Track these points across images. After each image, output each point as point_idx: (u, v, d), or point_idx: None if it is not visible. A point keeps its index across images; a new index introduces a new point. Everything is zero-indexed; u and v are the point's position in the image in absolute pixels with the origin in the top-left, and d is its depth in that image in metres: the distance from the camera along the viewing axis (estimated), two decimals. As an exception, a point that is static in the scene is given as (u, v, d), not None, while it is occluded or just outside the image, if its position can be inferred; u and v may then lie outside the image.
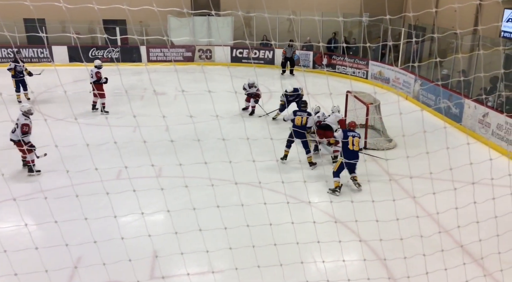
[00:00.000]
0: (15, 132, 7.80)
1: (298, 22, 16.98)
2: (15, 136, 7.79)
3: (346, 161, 6.83)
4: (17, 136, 7.75)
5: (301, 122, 8.29)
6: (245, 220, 4.30)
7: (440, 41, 13.24)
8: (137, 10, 4.27)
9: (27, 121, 7.78)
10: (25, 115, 7.89)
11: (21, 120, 7.79)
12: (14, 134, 7.82)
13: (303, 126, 8.32)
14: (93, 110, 11.67)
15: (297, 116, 8.36)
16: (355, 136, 7.32)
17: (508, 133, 8.87)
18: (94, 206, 6.08)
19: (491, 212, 4.30)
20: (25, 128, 7.68)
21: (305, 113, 8.40)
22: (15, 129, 7.81)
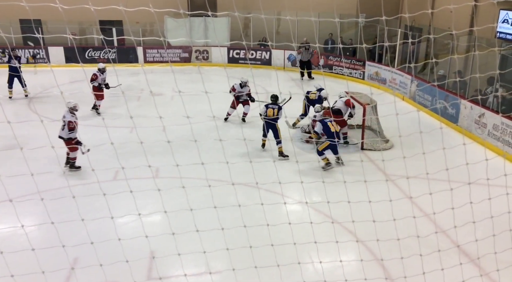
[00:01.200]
0: (64, 130, 7.87)
1: (295, 23, 17.00)
2: (64, 134, 7.84)
3: (331, 141, 8.10)
4: (66, 134, 7.82)
5: (273, 114, 9.02)
6: (242, 221, 4.31)
7: (436, 41, 13.30)
8: (134, 11, 4.27)
9: (73, 118, 7.89)
10: (71, 112, 7.99)
11: (67, 117, 7.89)
12: (63, 131, 7.87)
13: (274, 117, 9.03)
14: (92, 110, 11.60)
15: (269, 108, 9.07)
16: (331, 121, 8.52)
17: (504, 133, 8.91)
18: (91, 207, 6.06)
19: (487, 212, 4.33)
20: (72, 125, 7.76)
21: (276, 106, 9.08)
22: (64, 126, 7.88)
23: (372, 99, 9.75)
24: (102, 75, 11.49)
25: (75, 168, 7.91)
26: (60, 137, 7.90)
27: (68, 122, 7.79)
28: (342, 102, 9.62)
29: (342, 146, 9.37)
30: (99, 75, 11.42)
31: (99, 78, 11.41)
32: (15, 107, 12.00)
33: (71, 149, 7.92)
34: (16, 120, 10.30)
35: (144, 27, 16.90)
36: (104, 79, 11.57)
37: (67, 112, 8.02)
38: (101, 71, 11.45)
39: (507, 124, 8.83)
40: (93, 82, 11.34)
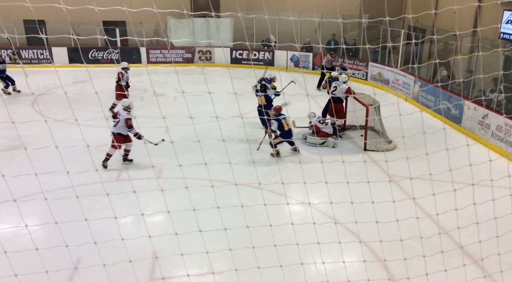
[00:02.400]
0: (116, 126, 8.18)
1: (298, 23, 16.99)
2: (116, 129, 8.16)
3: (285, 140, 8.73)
4: (117, 129, 8.14)
5: (261, 101, 9.50)
6: (245, 221, 4.31)
7: (439, 42, 13.27)
8: (137, 11, 4.29)
9: (129, 115, 8.17)
10: (126, 109, 8.27)
11: (123, 114, 8.18)
12: (115, 127, 8.18)
13: (264, 105, 9.49)
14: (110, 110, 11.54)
15: (258, 96, 9.48)
16: (284, 118, 8.77)
17: (507, 134, 8.88)
18: (94, 207, 6.08)
19: (490, 213, 4.31)
20: (130, 122, 8.11)
21: (262, 94, 9.45)
22: (117, 123, 8.19)
23: (375, 100, 9.73)
24: (127, 73, 11.47)
25: (104, 165, 8.19)
26: (112, 132, 8.19)
27: (126, 119, 8.10)
28: (342, 90, 9.93)
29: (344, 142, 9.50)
30: (124, 74, 11.40)
31: (124, 76, 11.39)
32: (19, 107, 12.05)
33: (113, 145, 8.16)
34: (20, 121, 10.34)
35: (148, 28, 16.94)
36: (128, 78, 11.53)
37: (122, 110, 8.31)
38: (125, 69, 11.42)
39: (510, 125, 8.79)
40: (120, 82, 11.33)
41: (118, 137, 8.11)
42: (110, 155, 8.21)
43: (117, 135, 8.13)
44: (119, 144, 8.06)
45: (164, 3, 9.74)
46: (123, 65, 11.47)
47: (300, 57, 17.45)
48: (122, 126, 8.12)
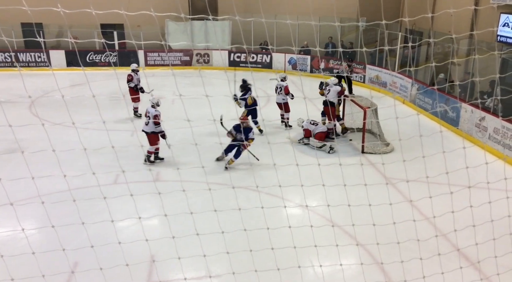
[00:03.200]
0: (148, 125, 8.32)
1: (296, 27, 17.04)
2: (148, 128, 8.31)
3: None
4: (150, 128, 8.28)
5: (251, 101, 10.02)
6: (243, 224, 4.31)
7: (437, 45, 13.33)
8: (135, 14, 4.30)
9: (157, 112, 8.35)
10: (154, 106, 8.45)
11: (152, 112, 8.34)
12: (147, 126, 8.34)
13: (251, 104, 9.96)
14: (135, 116, 11.61)
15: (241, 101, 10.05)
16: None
17: (504, 137, 8.91)
18: (91, 210, 6.07)
19: (487, 216, 4.32)
20: (157, 119, 8.23)
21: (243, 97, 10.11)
22: (148, 121, 8.32)
23: (372, 103, 9.76)
24: (137, 75, 11.49)
25: (150, 162, 8.41)
26: (143, 131, 8.39)
27: (154, 116, 8.23)
28: (334, 93, 10.03)
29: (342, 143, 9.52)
30: (134, 76, 11.43)
31: (134, 78, 11.42)
32: (16, 110, 12.02)
33: (151, 143, 8.35)
34: (17, 124, 10.32)
35: (146, 31, 16.95)
36: (139, 80, 11.56)
37: (150, 107, 8.44)
38: (135, 71, 11.45)
39: (507, 127, 8.82)
40: (129, 83, 11.38)
41: (152, 135, 8.29)
42: (150, 152, 8.44)
43: (151, 133, 8.30)
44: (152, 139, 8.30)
45: (162, 6, 9.78)
46: (133, 67, 11.53)
47: (298, 60, 17.49)
48: (153, 124, 8.28)
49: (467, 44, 12.38)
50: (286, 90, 10.82)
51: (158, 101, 8.60)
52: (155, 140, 8.29)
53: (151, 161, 8.51)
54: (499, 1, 11.60)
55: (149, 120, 8.33)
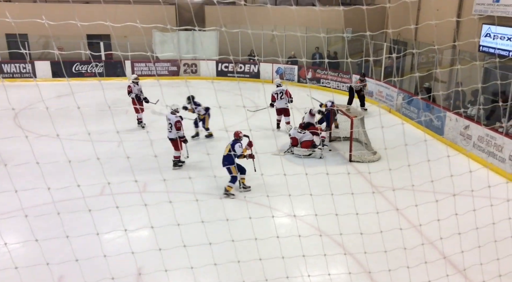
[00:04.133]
0: (171, 132, 8.55)
1: (283, 37, 17.20)
2: (172, 135, 8.57)
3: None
4: (173, 134, 8.56)
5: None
6: (230, 235, 4.28)
7: (421, 55, 13.56)
8: (122, 25, 4.29)
9: (178, 118, 8.56)
10: (174, 113, 8.62)
11: (172, 119, 8.53)
12: (171, 133, 8.58)
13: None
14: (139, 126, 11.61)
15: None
16: (228, 144, 7.67)
17: (488, 144, 9.06)
18: (76, 223, 5.97)
19: (472, 223, 4.37)
20: (178, 125, 8.51)
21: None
22: (171, 128, 8.55)
23: (360, 112, 9.86)
24: (137, 85, 11.45)
25: (179, 166, 8.69)
26: (169, 138, 8.67)
27: (175, 122, 8.47)
28: (308, 115, 10.22)
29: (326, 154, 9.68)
30: (133, 86, 11.39)
31: (133, 89, 11.38)
32: (0, 122, 11.84)
33: (176, 148, 8.67)
34: (1, 136, 10.16)
35: (132, 41, 16.94)
36: (140, 90, 11.51)
37: (170, 114, 8.60)
38: (135, 82, 11.41)
39: (491, 135, 8.98)
40: (130, 95, 11.38)
41: (176, 141, 8.56)
42: (177, 157, 8.72)
43: (176, 139, 8.55)
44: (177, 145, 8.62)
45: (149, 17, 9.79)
46: (132, 78, 11.53)
47: (285, 70, 17.61)
48: (176, 130, 8.51)
49: (451, 54, 12.62)
50: (288, 94, 11.10)
51: (177, 107, 8.77)
52: (179, 145, 8.58)
53: (179, 165, 8.78)
54: (481, 12, 11.88)
55: (171, 127, 8.55)
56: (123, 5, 16.89)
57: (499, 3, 11.19)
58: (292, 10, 17.30)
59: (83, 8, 17.80)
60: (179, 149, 8.70)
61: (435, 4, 13.45)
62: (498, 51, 11.16)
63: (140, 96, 11.46)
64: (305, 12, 17.77)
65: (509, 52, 10.74)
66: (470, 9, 12.38)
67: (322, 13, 18.07)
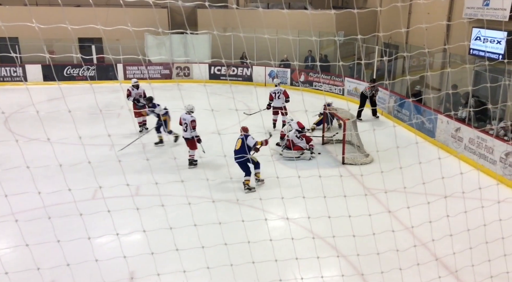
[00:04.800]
0: (187, 131, 8.85)
1: (275, 40, 17.25)
2: (188, 134, 8.84)
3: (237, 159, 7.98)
4: (189, 134, 8.81)
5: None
6: (223, 238, 4.27)
7: (413, 58, 13.67)
8: (113, 29, 4.27)
9: (193, 117, 8.83)
10: (189, 113, 8.88)
11: (188, 118, 8.82)
12: (186, 133, 8.88)
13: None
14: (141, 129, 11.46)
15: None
16: (238, 139, 8.23)
17: (479, 147, 9.14)
18: (68, 227, 5.92)
19: (464, 225, 4.40)
20: (194, 124, 8.79)
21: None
22: (186, 128, 8.84)
23: (352, 115, 9.90)
24: (136, 90, 11.35)
25: (194, 165, 9.01)
26: (184, 137, 9.00)
27: (191, 121, 8.76)
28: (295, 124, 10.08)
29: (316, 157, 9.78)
30: (132, 90, 11.31)
31: (132, 93, 11.29)
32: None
33: (192, 147, 8.95)
34: (-8, 139, 10.06)
35: (125, 44, 16.89)
36: (140, 94, 11.39)
37: (185, 114, 8.86)
38: (135, 86, 11.32)
39: (482, 138, 9.06)
40: (128, 98, 11.32)
41: (192, 140, 8.80)
42: (192, 156, 9.00)
43: (191, 139, 8.78)
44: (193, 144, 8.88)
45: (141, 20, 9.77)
46: (132, 82, 11.45)
47: (278, 73, 17.66)
48: (191, 129, 8.77)
49: (442, 57, 12.74)
50: (286, 94, 11.41)
51: (192, 107, 8.95)
52: (194, 144, 8.86)
53: (194, 164, 9.04)
54: (471, 15, 12.02)
55: (187, 127, 8.81)
56: (115, 8, 16.83)
57: (489, 7, 11.33)
58: (285, 14, 17.36)
59: (74, 11, 17.72)
60: (194, 148, 8.95)
61: (426, 7, 13.58)
62: (488, 54, 11.29)
63: (140, 100, 11.39)
64: (297, 15, 17.84)
65: (499, 55, 10.86)
66: (461, 13, 12.53)
67: (314, 16, 18.16)
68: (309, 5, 20.71)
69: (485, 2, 11.41)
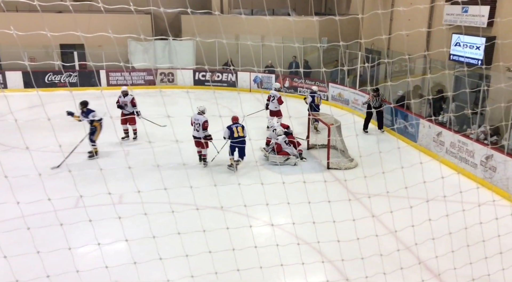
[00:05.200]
0: (198, 131, 9.21)
1: (259, 47, 17.31)
2: (200, 134, 9.22)
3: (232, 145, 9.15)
4: (200, 134, 9.19)
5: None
6: (207, 246, 4.23)
7: (395, 64, 13.86)
8: (95, 35, 4.23)
9: (206, 118, 9.22)
10: (201, 113, 9.27)
11: (200, 119, 9.20)
12: (198, 132, 9.23)
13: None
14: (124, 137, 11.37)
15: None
16: (238, 126, 9.23)
17: (460, 150, 9.30)
18: (48, 238, 5.79)
19: (446, 228, 4.45)
20: (206, 124, 9.18)
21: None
22: (198, 128, 9.22)
23: (336, 120, 9.98)
24: (122, 98, 11.20)
25: (205, 163, 9.48)
26: (194, 137, 9.33)
27: (203, 122, 9.15)
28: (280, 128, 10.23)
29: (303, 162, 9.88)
30: (119, 98, 11.19)
31: (120, 101, 11.16)
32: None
33: (203, 146, 9.40)
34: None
35: (108, 50, 16.71)
36: (126, 103, 11.21)
37: (198, 115, 9.25)
38: (123, 94, 11.19)
39: (463, 141, 9.22)
40: (117, 104, 11.23)
41: (204, 141, 9.22)
42: (205, 155, 9.48)
43: (204, 139, 9.17)
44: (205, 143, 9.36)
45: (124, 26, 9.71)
46: (121, 89, 11.34)
47: (262, 79, 17.71)
48: (203, 130, 9.18)
49: (423, 62, 12.96)
50: (279, 101, 11.92)
51: (204, 108, 9.33)
52: (207, 143, 9.35)
53: (205, 162, 9.48)
54: (450, 22, 12.27)
55: (198, 127, 9.17)
56: (97, 14, 16.69)
57: (468, 13, 11.59)
58: (269, 20, 17.45)
59: (56, 18, 17.46)
60: (207, 147, 9.40)
61: (406, 14, 13.82)
62: (467, 59, 11.53)
63: (125, 107, 11.27)
64: (281, 21, 17.96)
65: (478, 60, 11.10)
66: (441, 19, 12.78)
67: (298, 23, 18.30)
68: (292, 11, 20.87)
69: (464, 9, 11.67)
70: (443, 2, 12.58)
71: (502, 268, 4.62)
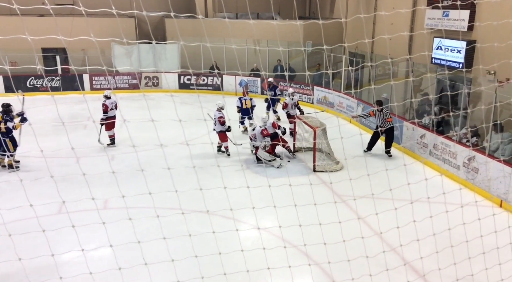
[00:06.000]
0: (216, 125, 10.21)
1: (244, 50, 17.33)
2: (218, 128, 10.21)
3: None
4: (218, 128, 10.20)
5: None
6: (193, 251, 4.20)
7: (378, 67, 14.05)
8: (78, 39, 4.18)
9: (221, 114, 10.09)
10: (219, 110, 10.15)
11: (216, 115, 10.14)
12: (216, 127, 10.22)
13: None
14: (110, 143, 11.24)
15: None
16: (246, 100, 11.65)
17: (443, 152, 9.45)
18: (30, 244, 5.67)
19: (430, 229, 4.51)
20: (222, 120, 10.07)
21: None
22: (215, 123, 10.19)
23: (321, 123, 10.04)
24: (109, 100, 11.02)
25: (227, 153, 10.46)
26: (214, 130, 10.28)
27: (218, 117, 10.04)
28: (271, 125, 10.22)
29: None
30: (106, 101, 10.98)
31: (109, 105, 10.94)
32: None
33: (222, 140, 10.35)
34: None
35: (91, 54, 16.54)
36: (115, 103, 11.06)
37: (216, 111, 10.16)
38: (106, 97, 10.99)
39: (446, 143, 9.37)
40: (109, 113, 10.94)
41: (222, 134, 10.21)
42: (226, 147, 10.41)
43: (220, 132, 10.20)
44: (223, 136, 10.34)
45: (107, 30, 9.63)
46: (105, 94, 11.18)
47: (248, 82, 17.73)
48: (220, 125, 10.10)
49: (406, 66, 13.15)
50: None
51: (223, 105, 10.19)
52: (225, 137, 10.28)
53: (228, 154, 10.42)
54: (432, 26, 12.50)
55: (215, 122, 10.14)
56: (80, 18, 16.49)
57: (448, 18, 11.82)
58: (253, 24, 17.49)
59: (38, 21, 17.22)
60: (225, 140, 10.28)
61: (389, 18, 14.02)
62: (449, 63, 11.75)
63: (114, 109, 11.12)
64: (266, 25, 18.02)
65: (459, 63, 11.32)
66: (422, 23, 13.00)
67: (282, 27, 18.41)
68: (277, 15, 20.97)
69: (445, 13, 11.90)
70: (424, 6, 12.81)
71: (485, 268, 4.70)
